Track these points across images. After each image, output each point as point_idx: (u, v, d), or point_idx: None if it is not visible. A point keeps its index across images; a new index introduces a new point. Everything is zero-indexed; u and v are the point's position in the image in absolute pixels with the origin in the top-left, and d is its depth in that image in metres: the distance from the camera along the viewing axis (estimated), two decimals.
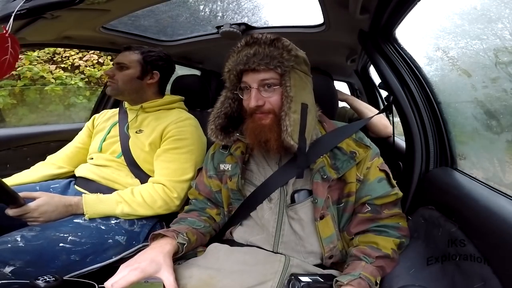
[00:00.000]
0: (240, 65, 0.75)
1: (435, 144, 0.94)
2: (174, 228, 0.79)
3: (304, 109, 0.74)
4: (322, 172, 0.76)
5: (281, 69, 0.74)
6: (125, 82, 1.14)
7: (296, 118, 0.74)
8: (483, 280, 0.54)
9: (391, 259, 0.72)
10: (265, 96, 0.76)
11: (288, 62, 0.74)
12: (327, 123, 0.88)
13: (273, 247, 0.76)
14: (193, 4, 1.49)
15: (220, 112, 0.85)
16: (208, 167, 0.91)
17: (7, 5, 0.83)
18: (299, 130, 0.74)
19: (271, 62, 0.73)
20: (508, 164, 0.77)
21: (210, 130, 0.85)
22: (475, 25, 0.84)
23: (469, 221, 0.65)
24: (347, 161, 0.77)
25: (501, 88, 0.76)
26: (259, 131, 0.76)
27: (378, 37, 1.02)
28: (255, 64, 0.73)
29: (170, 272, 0.64)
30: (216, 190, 0.90)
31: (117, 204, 0.96)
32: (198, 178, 0.96)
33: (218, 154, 0.91)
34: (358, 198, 0.79)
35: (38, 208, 0.87)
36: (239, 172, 0.81)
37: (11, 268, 0.72)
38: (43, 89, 4.01)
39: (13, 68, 0.72)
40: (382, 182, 0.79)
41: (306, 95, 0.77)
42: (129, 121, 1.16)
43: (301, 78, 0.77)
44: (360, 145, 0.81)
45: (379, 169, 0.80)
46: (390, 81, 0.98)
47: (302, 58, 0.79)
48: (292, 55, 0.75)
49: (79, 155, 1.24)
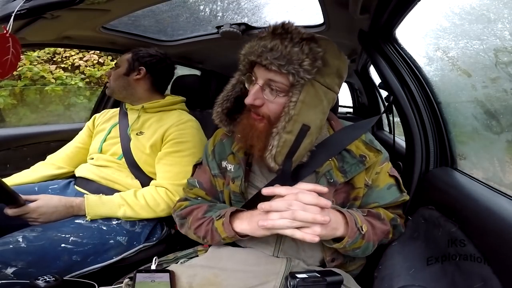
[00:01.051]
0: (253, 55, 0.66)
1: (435, 144, 0.94)
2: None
3: (303, 130, 0.66)
4: (329, 176, 0.71)
5: (294, 78, 0.63)
6: (114, 80, 1.17)
7: (288, 140, 0.66)
8: (483, 280, 0.54)
9: (382, 220, 0.72)
10: (266, 98, 0.68)
11: (306, 73, 0.63)
12: (335, 121, 0.80)
13: (274, 252, 0.75)
14: (193, 4, 1.49)
15: (230, 96, 0.78)
16: (211, 165, 0.84)
17: (7, 5, 0.83)
18: (287, 152, 0.67)
19: (286, 65, 0.62)
20: (508, 164, 0.77)
21: (216, 113, 0.78)
22: (475, 25, 0.83)
23: (469, 221, 0.65)
24: (356, 165, 0.72)
25: (501, 88, 0.76)
26: (248, 131, 0.71)
27: (378, 37, 1.02)
28: (267, 62, 0.63)
29: None
30: (220, 190, 0.84)
31: (119, 207, 0.96)
32: (200, 176, 0.87)
33: (218, 148, 0.84)
34: (364, 203, 0.76)
35: (37, 209, 0.87)
36: (242, 175, 0.75)
37: (13, 269, 0.72)
38: (43, 89, 4.00)
39: (15, 68, 0.72)
40: (392, 188, 0.77)
41: (315, 115, 0.67)
42: (130, 123, 1.16)
43: (316, 94, 0.66)
44: (371, 148, 0.75)
45: (389, 174, 0.77)
46: (390, 81, 0.98)
47: (335, 69, 0.67)
48: (317, 65, 0.63)
49: (80, 155, 1.24)
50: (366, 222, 0.68)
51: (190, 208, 0.81)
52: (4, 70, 0.70)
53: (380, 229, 0.71)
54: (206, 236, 0.74)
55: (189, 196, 0.88)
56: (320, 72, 0.65)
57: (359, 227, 0.65)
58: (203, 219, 0.76)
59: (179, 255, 0.80)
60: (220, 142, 0.85)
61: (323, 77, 0.66)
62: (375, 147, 0.76)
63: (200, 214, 0.77)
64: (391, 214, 0.77)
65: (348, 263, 0.77)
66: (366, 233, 0.66)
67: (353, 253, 0.69)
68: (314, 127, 0.68)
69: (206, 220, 0.75)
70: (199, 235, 0.76)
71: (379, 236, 0.71)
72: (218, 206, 0.80)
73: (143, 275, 0.66)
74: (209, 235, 0.73)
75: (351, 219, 0.64)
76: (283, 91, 0.67)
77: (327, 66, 0.65)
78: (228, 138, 0.83)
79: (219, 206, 0.80)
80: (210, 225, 0.73)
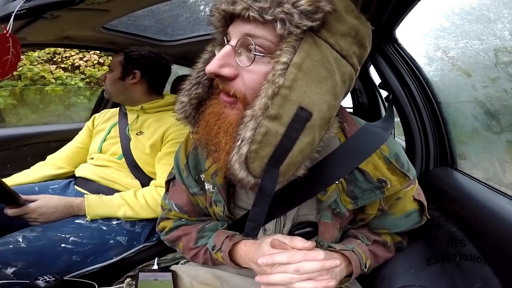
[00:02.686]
0: (224, 2, 0.44)
1: (435, 144, 0.93)
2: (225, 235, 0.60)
3: (299, 118, 0.41)
4: (335, 206, 0.55)
5: (284, 28, 0.40)
6: (109, 84, 1.15)
7: (273, 131, 0.41)
8: (483, 280, 0.54)
9: (387, 248, 0.67)
10: (241, 64, 0.44)
11: (304, 18, 0.39)
12: (349, 124, 0.57)
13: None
14: (193, 4, 1.48)
15: (202, 77, 0.52)
16: (187, 184, 0.65)
17: (7, 5, 0.83)
18: (270, 155, 0.42)
19: (271, 9, 0.40)
20: (508, 164, 0.77)
21: (180, 104, 0.53)
22: (475, 25, 0.83)
23: (469, 221, 0.65)
24: (371, 192, 0.54)
25: (501, 88, 0.76)
26: (213, 124, 0.47)
27: (378, 37, 1.02)
28: (242, 5, 0.41)
29: None
30: (204, 206, 0.67)
31: (119, 207, 0.96)
32: (177, 197, 0.68)
33: (192, 161, 0.63)
34: (373, 226, 0.64)
35: (37, 209, 0.87)
36: (223, 200, 0.60)
37: (13, 269, 0.72)
38: (43, 89, 4.01)
39: (15, 68, 0.72)
40: (413, 215, 0.62)
41: (319, 94, 0.42)
42: (129, 123, 1.15)
43: (322, 58, 0.41)
44: (395, 171, 0.54)
45: (414, 199, 0.60)
46: (390, 81, 0.98)
47: (353, 30, 0.44)
48: (321, 7, 0.39)
49: (79, 155, 1.24)
50: (369, 254, 0.61)
51: (176, 234, 0.70)
52: (4, 70, 0.70)
53: (384, 257, 0.67)
54: (207, 262, 0.66)
55: (170, 217, 0.72)
56: (328, 25, 0.42)
57: (363, 265, 0.58)
58: (196, 249, 0.66)
59: (177, 255, 0.80)
60: (193, 151, 0.63)
61: (334, 35, 0.42)
62: (402, 170, 0.54)
63: (192, 244, 0.66)
64: (399, 237, 0.68)
65: None
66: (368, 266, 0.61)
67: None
68: (319, 115, 0.42)
69: (201, 250, 0.65)
70: (199, 262, 0.68)
71: (380, 263, 0.68)
72: (208, 227, 0.66)
73: (146, 274, 0.66)
74: (209, 262, 0.65)
75: (356, 261, 0.56)
76: (267, 52, 0.43)
77: (339, 21, 0.42)
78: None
79: (209, 227, 0.66)
80: (207, 254, 0.64)
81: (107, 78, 1.16)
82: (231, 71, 0.44)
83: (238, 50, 0.44)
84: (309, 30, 0.41)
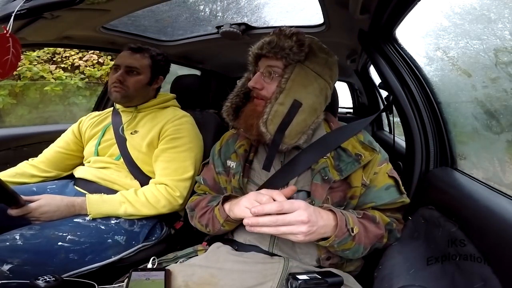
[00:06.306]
0: (256, 49, 0.80)
1: (435, 144, 0.93)
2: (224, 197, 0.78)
3: (294, 106, 0.74)
4: (324, 173, 0.75)
5: (286, 60, 0.76)
6: (137, 88, 1.11)
7: (280, 111, 0.74)
8: (483, 280, 0.54)
9: (377, 224, 0.73)
10: (265, 82, 0.78)
11: (295, 55, 0.75)
12: (334, 122, 0.86)
13: (269, 247, 0.76)
14: (193, 4, 1.49)
15: (240, 91, 0.87)
16: (216, 163, 0.90)
17: (7, 5, 0.83)
18: (279, 123, 0.74)
19: (280, 52, 0.75)
20: (508, 164, 0.77)
21: (225, 107, 0.86)
22: (475, 25, 0.83)
23: (469, 221, 0.65)
24: (352, 163, 0.76)
25: (501, 88, 0.76)
26: (250, 114, 0.79)
27: (378, 37, 1.02)
28: (265, 51, 0.77)
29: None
30: (224, 187, 0.89)
31: (120, 205, 0.96)
32: (205, 173, 0.95)
33: (224, 148, 0.91)
34: (361, 203, 0.78)
35: (39, 209, 0.87)
36: (240, 171, 0.82)
37: (9, 266, 0.72)
38: (43, 88, 4.00)
39: (16, 68, 0.72)
40: (391, 189, 0.78)
41: (306, 93, 0.75)
42: (124, 123, 1.15)
43: (306, 76, 0.76)
44: (367, 148, 0.79)
45: (388, 175, 0.79)
46: (390, 81, 0.98)
47: (324, 60, 0.78)
48: (304, 50, 0.76)
49: (62, 159, 1.20)
50: (359, 224, 0.69)
51: (197, 200, 0.90)
52: (4, 70, 0.70)
53: (373, 232, 0.72)
54: (208, 224, 0.80)
55: (198, 192, 0.96)
56: (309, 59, 0.77)
57: (349, 228, 0.66)
58: (206, 207, 0.83)
59: (179, 254, 0.81)
60: (226, 142, 0.92)
61: (312, 63, 0.77)
62: (372, 147, 0.80)
63: (204, 204, 0.85)
64: (387, 218, 0.77)
65: (345, 263, 0.77)
66: (356, 235, 0.67)
67: (343, 254, 0.70)
68: (306, 105, 0.75)
69: (208, 208, 0.82)
70: (203, 224, 0.82)
71: (371, 240, 0.71)
72: (221, 196, 0.83)
73: (138, 274, 0.66)
74: (210, 222, 0.80)
75: (341, 219, 0.66)
76: (279, 73, 0.77)
77: (315, 56, 0.77)
78: (233, 138, 0.91)
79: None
80: (211, 213, 0.80)
81: (134, 81, 1.11)
82: (260, 85, 0.78)
83: (264, 74, 0.79)
84: (299, 62, 0.76)
